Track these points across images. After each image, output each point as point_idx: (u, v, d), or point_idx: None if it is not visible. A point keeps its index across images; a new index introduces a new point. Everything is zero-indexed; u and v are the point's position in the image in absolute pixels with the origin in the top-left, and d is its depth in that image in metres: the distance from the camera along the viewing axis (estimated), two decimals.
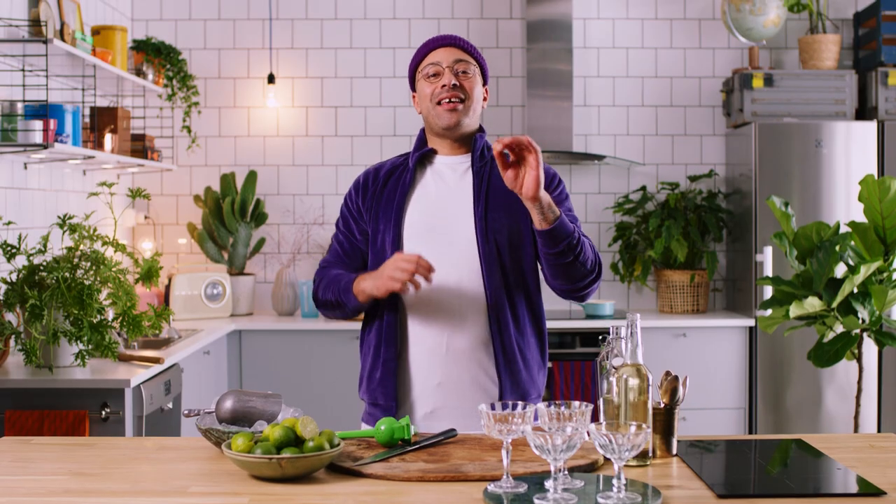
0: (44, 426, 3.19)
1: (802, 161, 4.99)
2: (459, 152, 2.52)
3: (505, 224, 2.43)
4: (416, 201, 2.48)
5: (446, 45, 2.48)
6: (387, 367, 2.44)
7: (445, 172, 2.51)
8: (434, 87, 2.46)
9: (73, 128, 3.88)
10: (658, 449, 2.10)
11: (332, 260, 2.58)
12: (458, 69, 2.46)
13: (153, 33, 5.40)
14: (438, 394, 2.43)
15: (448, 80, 2.44)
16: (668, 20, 5.53)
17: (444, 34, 2.53)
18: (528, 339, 2.47)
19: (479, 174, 2.47)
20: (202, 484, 1.91)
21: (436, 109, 2.46)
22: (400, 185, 2.49)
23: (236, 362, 4.89)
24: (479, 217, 2.43)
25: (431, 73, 2.47)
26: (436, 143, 2.53)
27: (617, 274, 5.44)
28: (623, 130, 5.53)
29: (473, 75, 2.48)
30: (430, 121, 2.49)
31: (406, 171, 2.51)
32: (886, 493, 1.82)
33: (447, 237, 2.44)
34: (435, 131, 2.50)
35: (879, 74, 5.06)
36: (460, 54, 2.47)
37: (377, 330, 2.47)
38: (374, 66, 5.48)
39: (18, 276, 3.35)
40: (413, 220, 2.46)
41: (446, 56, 2.47)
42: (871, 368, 4.92)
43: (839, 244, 3.75)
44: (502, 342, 2.42)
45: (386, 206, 2.48)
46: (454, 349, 2.42)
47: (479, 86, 2.49)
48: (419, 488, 1.86)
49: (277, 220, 5.47)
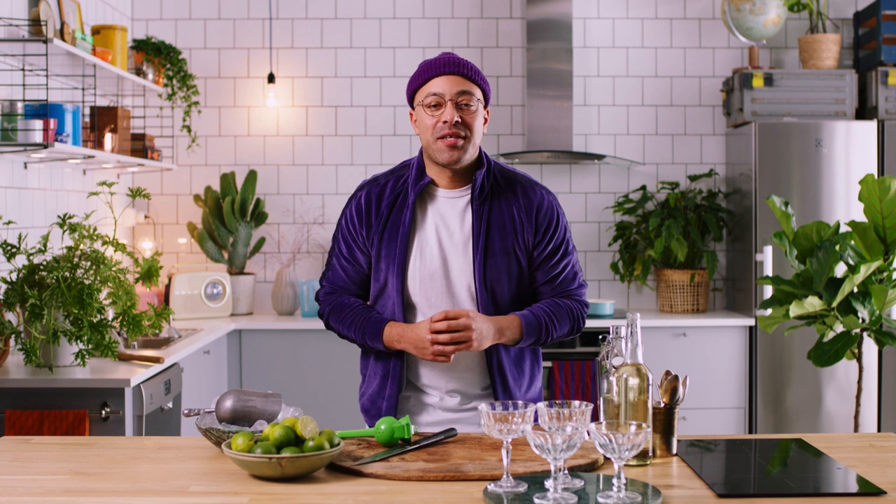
0: (44, 426, 3.19)
1: (802, 161, 4.99)
2: (459, 185, 2.47)
3: (503, 271, 2.45)
4: (417, 249, 2.45)
5: (449, 73, 2.38)
6: (390, 403, 2.49)
7: (445, 210, 2.47)
8: (436, 121, 2.38)
9: (73, 127, 3.88)
10: (658, 448, 2.10)
11: (338, 285, 2.57)
12: (460, 102, 2.37)
13: (153, 33, 5.40)
14: (437, 411, 2.51)
15: (450, 115, 2.36)
16: (668, 20, 5.53)
17: (448, 58, 2.41)
18: (525, 372, 2.53)
19: (478, 213, 2.44)
20: (202, 483, 1.91)
21: (436, 144, 2.39)
22: (401, 226, 2.45)
23: (236, 362, 4.89)
24: (477, 265, 2.43)
25: (432, 103, 2.39)
26: (434, 172, 2.47)
27: (617, 273, 5.44)
28: (623, 130, 5.53)
29: (476, 108, 2.40)
30: (430, 153, 2.43)
31: (406, 208, 2.46)
32: (886, 493, 1.82)
33: (448, 289, 2.45)
34: (434, 161, 2.45)
35: (879, 74, 5.06)
36: (463, 84, 2.38)
37: (384, 365, 2.50)
38: (374, 65, 5.48)
39: (18, 275, 3.35)
40: (415, 270, 2.45)
41: (449, 87, 2.37)
42: (871, 368, 4.92)
43: (839, 244, 3.75)
44: (503, 384, 2.48)
45: (388, 248, 2.46)
46: (453, 390, 2.50)
47: (480, 118, 2.43)
48: (419, 488, 1.86)
49: (277, 220, 5.47)
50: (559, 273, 2.51)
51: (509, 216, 2.45)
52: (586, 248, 5.52)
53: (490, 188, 2.46)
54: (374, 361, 2.54)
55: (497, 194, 2.47)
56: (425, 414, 2.52)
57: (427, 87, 2.41)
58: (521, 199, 2.47)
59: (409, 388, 2.53)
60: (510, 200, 2.47)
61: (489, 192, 2.46)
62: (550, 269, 2.50)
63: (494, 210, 2.45)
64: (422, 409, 2.52)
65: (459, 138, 2.38)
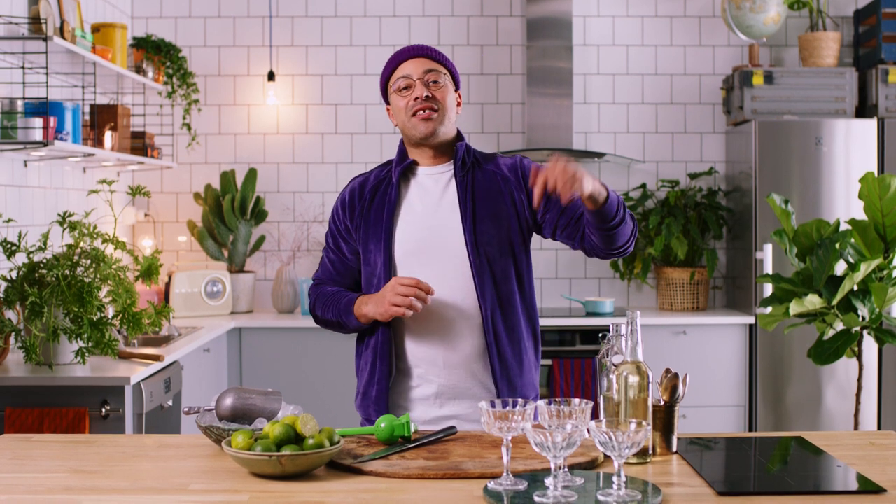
0: (44, 424, 3.19)
1: (802, 159, 4.99)
2: (440, 161, 2.53)
3: (494, 234, 2.45)
4: (403, 220, 2.49)
5: (414, 56, 2.49)
6: (380, 386, 2.47)
7: (429, 184, 2.52)
8: (407, 100, 2.47)
9: (73, 125, 3.88)
10: (658, 446, 2.10)
11: (324, 278, 2.62)
12: (428, 79, 2.47)
13: (153, 31, 5.40)
14: (435, 405, 2.47)
15: (420, 91, 2.45)
16: (668, 18, 5.52)
17: (412, 45, 2.54)
18: (523, 343, 2.50)
19: (462, 184, 2.48)
20: (202, 481, 1.91)
21: (411, 121, 2.47)
22: (386, 203, 2.50)
23: (236, 360, 4.89)
24: (468, 231, 2.44)
25: (403, 86, 2.48)
26: (416, 154, 2.54)
27: (617, 271, 5.44)
28: (623, 128, 5.53)
29: (444, 84, 2.49)
30: (407, 132, 2.50)
31: (391, 187, 2.51)
32: (886, 491, 1.82)
33: (438, 254, 2.46)
34: (413, 142, 2.52)
35: (880, 72, 5.06)
36: (430, 64, 2.49)
37: (372, 348, 2.49)
38: (374, 63, 5.48)
39: (18, 273, 3.35)
40: (403, 239, 2.47)
41: (415, 68, 2.47)
42: (871, 366, 4.92)
43: (839, 242, 3.75)
44: (499, 352, 2.45)
45: (375, 227, 2.49)
46: (450, 362, 2.45)
47: (451, 93, 2.51)
48: (419, 486, 1.86)
49: (277, 218, 5.47)
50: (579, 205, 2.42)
51: (493, 181, 2.50)
52: None
53: (472, 162, 2.53)
54: (364, 353, 2.53)
55: (478, 166, 2.53)
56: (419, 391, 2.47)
57: (396, 73, 2.51)
58: (501, 166, 2.53)
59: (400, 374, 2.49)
60: (491, 169, 2.52)
61: (472, 165, 2.52)
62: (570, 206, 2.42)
63: (478, 178, 2.50)
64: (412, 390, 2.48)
65: (432, 111, 2.46)
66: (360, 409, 2.54)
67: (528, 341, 2.51)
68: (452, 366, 2.45)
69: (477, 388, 2.46)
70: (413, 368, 2.48)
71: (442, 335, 2.44)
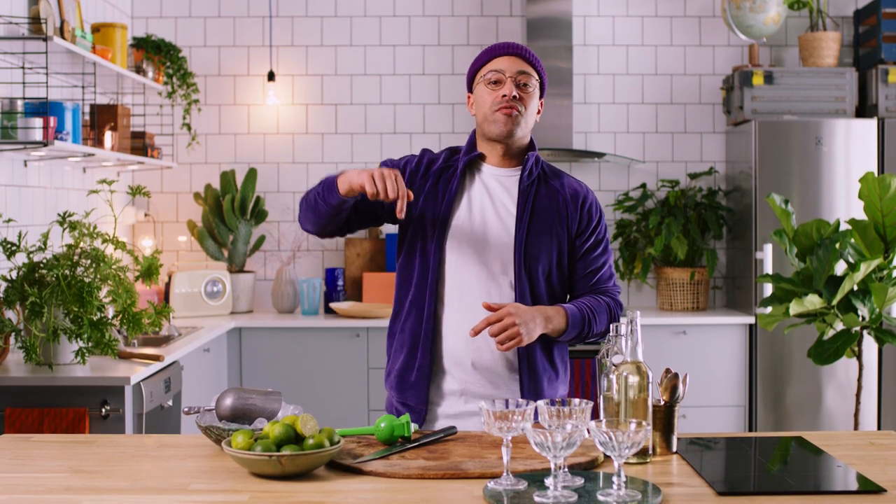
0: (44, 424, 3.19)
1: (802, 159, 4.99)
2: (508, 164, 2.54)
3: (544, 251, 2.47)
4: (460, 214, 2.48)
5: (511, 53, 2.49)
6: (421, 373, 2.46)
7: (492, 185, 2.52)
8: (494, 96, 2.47)
9: (73, 125, 3.88)
10: (658, 446, 2.10)
11: None
12: (519, 80, 2.47)
13: (153, 31, 5.40)
14: (461, 400, 2.47)
15: (509, 90, 2.45)
16: (668, 17, 5.52)
17: (511, 42, 2.53)
18: (554, 358, 2.51)
19: (524, 193, 2.49)
20: (202, 481, 1.91)
21: (493, 115, 2.47)
22: (448, 192, 2.49)
23: (236, 360, 4.89)
24: (519, 241, 2.45)
25: (493, 79, 2.47)
26: (486, 150, 2.54)
27: (617, 271, 5.44)
28: (623, 128, 5.53)
29: (533, 89, 2.50)
30: (485, 127, 2.50)
31: (454, 177, 2.51)
32: (886, 491, 1.82)
33: (485, 255, 2.46)
34: (488, 137, 2.51)
35: (880, 72, 5.06)
36: (524, 66, 2.49)
37: (412, 334, 2.47)
38: (374, 63, 5.48)
39: (18, 273, 3.35)
40: (455, 233, 2.47)
41: (510, 65, 2.47)
42: (871, 366, 4.91)
43: (839, 242, 3.74)
44: (529, 365, 2.46)
45: (432, 210, 2.48)
46: (478, 365, 2.46)
47: (535, 100, 2.52)
48: (419, 486, 1.86)
49: (277, 218, 5.47)
50: (599, 268, 2.54)
51: (555, 201, 2.51)
52: None
53: (538, 174, 2.53)
54: (399, 335, 2.51)
55: (544, 181, 2.54)
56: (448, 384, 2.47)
57: (489, 65, 2.51)
58: (566, 189, 2.55)
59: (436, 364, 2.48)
60: (557, 188, 2.54)
61: (537, 177, 2.52)
62: (591, 262, 2.53)
63: (542, 193, 2.51)
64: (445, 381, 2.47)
65: (516, 111, 2.46)
66: (394, 391, 2.51)
67: (557, 357, 2.52)
68: (480, 368, 2.45)
69: (503, 390, 2.46)
70: (444, 363, 2.47)
71: (474, 338, 2.42)
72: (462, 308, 2.44)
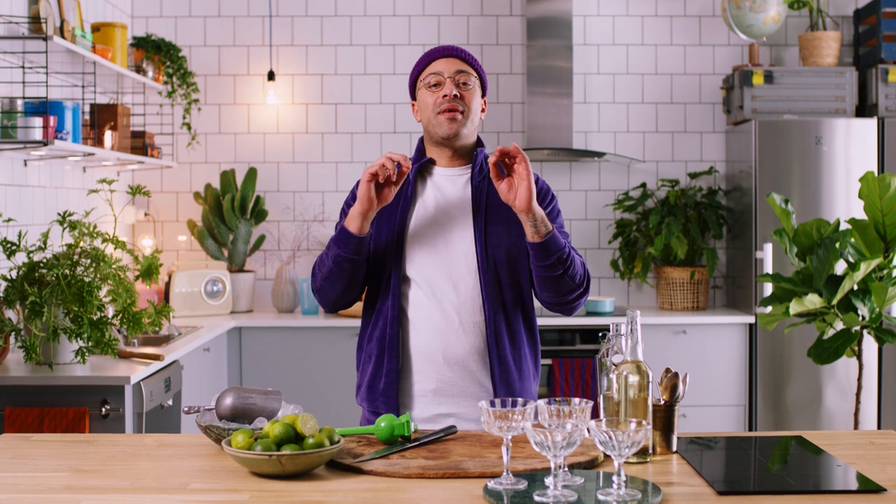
0: (44, 423, 3.19)
1: (802, 158, 4.99)
2: (458, 163, 2.56)
3: (504, 239, 2.47)
4: (416, 216, 2.51)
5: (448, 55, 2.52)
6: (389, 378, 2.46)
7: (444, 185, 2.54)
8: (435, 97, 2.49)
9: (73, 125, 3.88)
10: (658, 446, 2.10)
11: None
12: (458, 80, 2.49)
13: (153, 30, 5.40)
14: (434, 402, 2.47)
15: (449, 90, 2.47)
16: (669, 17, 5.52)
17: (447, 45, 2.56)
18: (522, 350, 2.51)
19: (478, 188, 2.51)
20: (202, 481, 1.91)
21: (436, 119, 2.49)
22: (402, 199, 2.51)
23: (236, 359, 4.89)
24: (478, 233, 2.47)
25: (433, 82, 2.50)
26: (434, 153, 2.56)
27: (617, 271, 5.44)
28: (623, 127, 5.53)
29: (473, 87, 2.51)
30: (430, 130, 2.52)
31: (407, 183, 2.53)
32: (886, 490, 1.82)
33: (447, 252, 2.47)
34: (434, 140, 2.54)
35: (880, 71, 5.06)
36: (462, 65, 2.51)
37: (379, 340, 2.49)
38: (373, 62, 5.48)
39: (18, 273, 3.35)
40: (414, 234, 2.49)
41: (448, 66, 2.50)
42: (871, 365, 4.92)
43: (839, 241, 3.75)
44: (499, 354, 2.46)
45: (388, 219, 2.50)
46: (450, 359, 2.45)
47: (478, 98, 2.53)
48: (419, 485, 1.86)
49: (277, 217, 5.47)
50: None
51: None
52: (586, 245, 5.52)
53: (489, 169, 2.51)
54: (367, 346, 2.52)
55: None
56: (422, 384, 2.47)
57: (428, 69, 2.53)
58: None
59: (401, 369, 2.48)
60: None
61: (488, 172, 2.52)
62: None
63: (493, 186, 2.50)
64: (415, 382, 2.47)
65: (458, 112, 2.48)
66: (364, 403, 2.52)
67: (527, 349, 2.53)
68: (451, 362, 2.45)
69: (475, 387, 2.46)
70: (413, 364, 2.47)
71: (444, 331, 2.44)
72: (428, 306, 2.45)
